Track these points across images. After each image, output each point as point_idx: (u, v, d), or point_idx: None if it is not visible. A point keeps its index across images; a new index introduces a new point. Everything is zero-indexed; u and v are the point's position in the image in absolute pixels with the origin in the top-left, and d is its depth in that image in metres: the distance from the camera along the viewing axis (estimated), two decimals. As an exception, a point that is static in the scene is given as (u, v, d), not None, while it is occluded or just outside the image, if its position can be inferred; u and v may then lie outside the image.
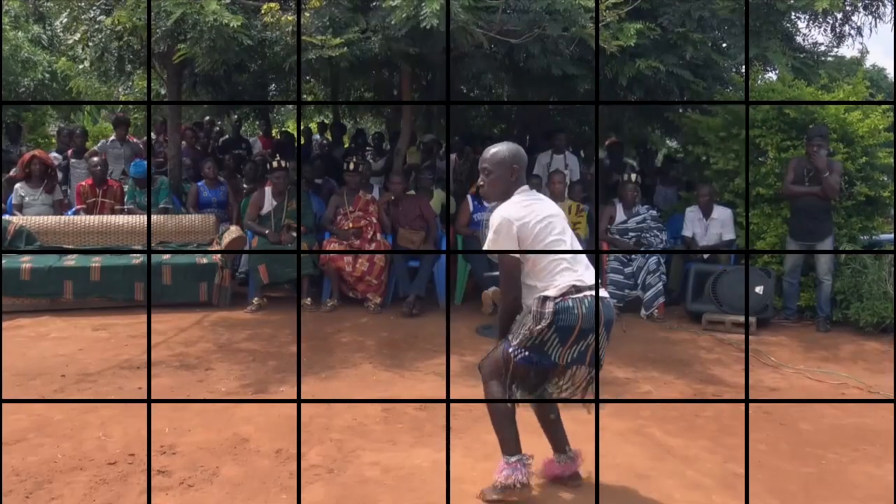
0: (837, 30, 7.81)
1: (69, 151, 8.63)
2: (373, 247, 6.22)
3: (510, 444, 2.86)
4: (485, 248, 2.94)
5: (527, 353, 2.81)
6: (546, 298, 2.79)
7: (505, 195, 2.92)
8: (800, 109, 6.33)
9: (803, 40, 7.96)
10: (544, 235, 2.83)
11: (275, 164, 6.53)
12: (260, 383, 4.29)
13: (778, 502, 3.00)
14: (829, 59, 8.06)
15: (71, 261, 5.96)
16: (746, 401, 3.98)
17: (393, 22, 4.87)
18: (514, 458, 2.84)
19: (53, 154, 8.55)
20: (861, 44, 24.79)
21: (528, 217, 2.82)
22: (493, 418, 2.90)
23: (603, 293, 2.86)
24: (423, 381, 4.41)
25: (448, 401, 3.70)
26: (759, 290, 5.91)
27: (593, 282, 2.84)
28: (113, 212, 6.89)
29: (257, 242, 6.27)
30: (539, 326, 2.76)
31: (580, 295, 2.78)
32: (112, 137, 8.66)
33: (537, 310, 2.78)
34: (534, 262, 2.82)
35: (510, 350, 2.83)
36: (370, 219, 6.38)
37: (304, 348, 5.07)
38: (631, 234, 6.53)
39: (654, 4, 6.04)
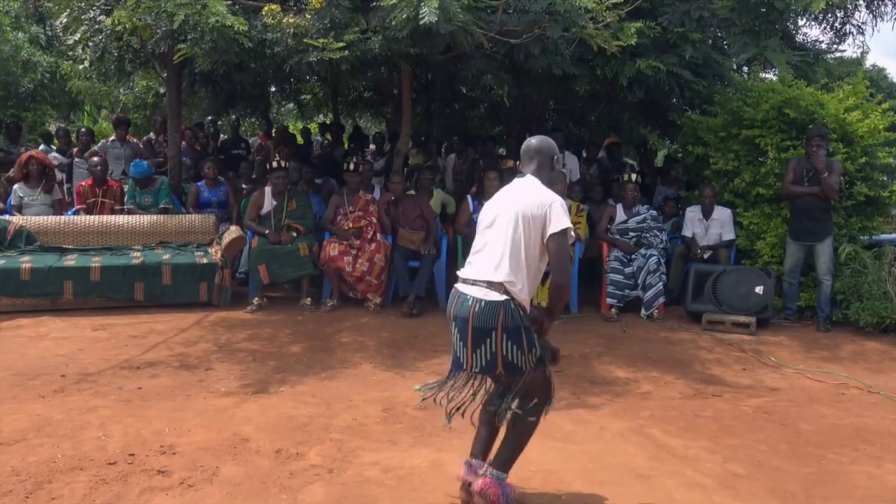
0: (838, 28, 7.79)
1: (74, 151, 8.64)
2: (373, 247, 6.22)
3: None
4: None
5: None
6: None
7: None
8: (800, 109, 6.33)
9: (803, 39, 7.95)
10: None
11: (275, 164, 6.53)
12: (260, 383, 4.29)
13: (778, 502, 3.00)
14: (830, 58, 8.04)
15: (71, 261, 5.95)
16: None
17: (394, 23, 4.88)
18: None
19: (54, 154, 8.57)
20: (862, 42, 24.70)
21: None
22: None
23: (471, 290, 2.71)
24: (424, 381, 4.40)
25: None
26: (759, 290, 5.91)
27: (486, 275, 2.69)
28: (113, 212, 6.88)
29: (257, 242, 6.27)
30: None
31: (454, 287, 2.83)
32: (112, 137, 8.66)
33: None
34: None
35: None
36: (370, 219, 6.38)
37: (304, 348, 5.08)
38: (631, 233, 6.53)
39: (654, 4, 6.04)
